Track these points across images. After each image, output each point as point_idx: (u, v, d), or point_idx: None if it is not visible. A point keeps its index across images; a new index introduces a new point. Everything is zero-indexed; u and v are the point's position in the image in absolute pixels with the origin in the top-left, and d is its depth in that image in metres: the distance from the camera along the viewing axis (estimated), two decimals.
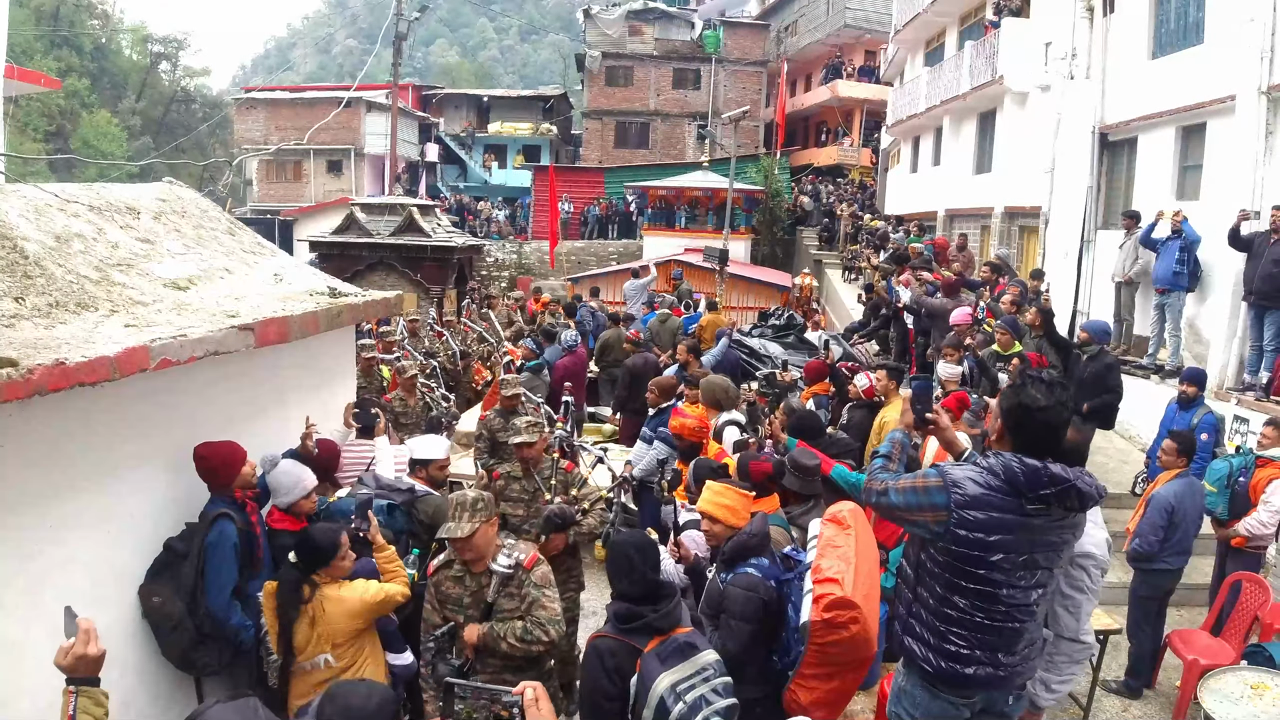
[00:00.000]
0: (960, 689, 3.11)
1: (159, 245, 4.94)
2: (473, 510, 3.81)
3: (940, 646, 3.09)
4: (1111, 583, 7.45)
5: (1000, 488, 2.93)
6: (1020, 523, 2.94)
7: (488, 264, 29.13)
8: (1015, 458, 2.95)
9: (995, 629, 3.02)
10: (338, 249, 14.08)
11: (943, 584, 3.08)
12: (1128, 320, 11.52)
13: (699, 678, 3.01)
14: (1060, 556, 3.05)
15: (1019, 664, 3.07)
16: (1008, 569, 2.96)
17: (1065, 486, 2.88)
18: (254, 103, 39.63)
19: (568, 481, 5.64)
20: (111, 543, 3.86)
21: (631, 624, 3.14)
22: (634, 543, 3.37)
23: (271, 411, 5.15)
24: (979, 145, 18.92)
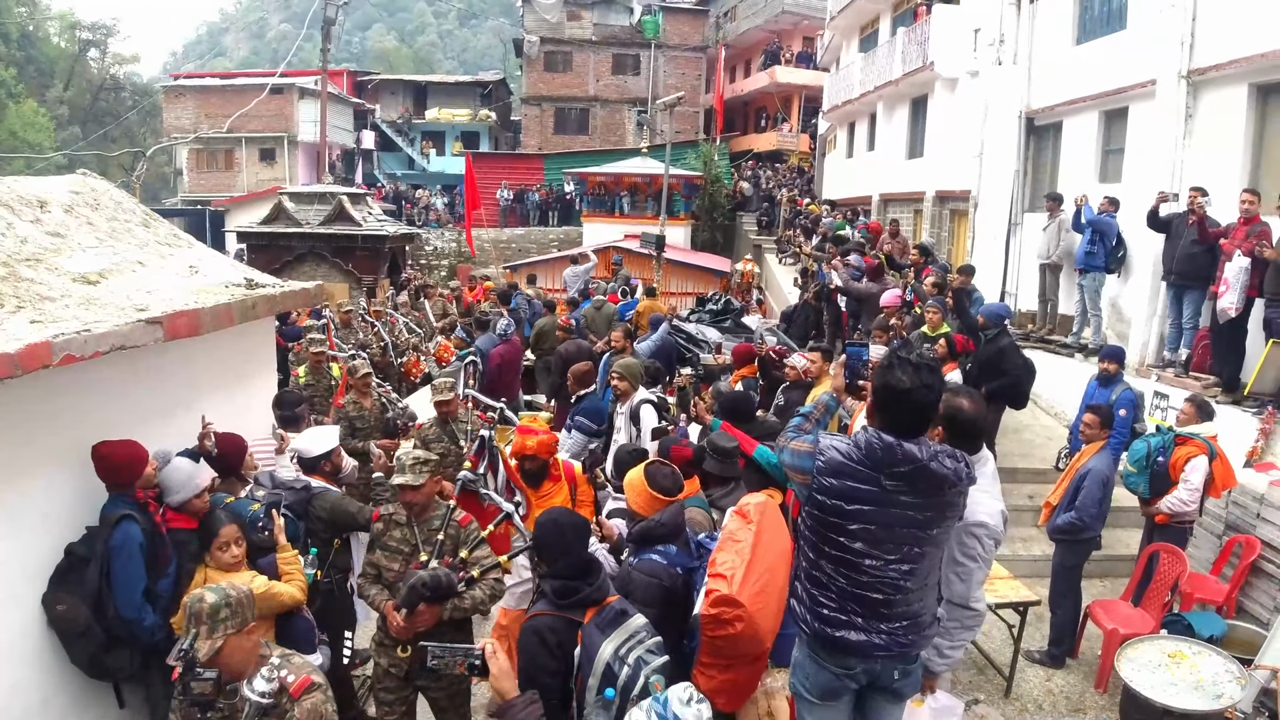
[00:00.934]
0: (837, 655, 3.16)
1: (70, 239, 4.81)
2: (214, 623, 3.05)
3: (813, 609, 3.18)
4: (1035, 555, 7.68)
5: (861, 460, 3.01)
6: (880, 496, 3.00)
7: (426, 253, 28.79)
8: (876, 434, 3.02)
9: (859, 597, 3.09)
10: (266, 239, 13.77)
11: (812, 548, 3.18)
12: (1053, 300, 11.78)
13: (635, 640, 3.09)
14: (929, 536, 3.08)
15: (900, 635, 3.10)
16: (868, 540, 3.03)
17: (916, 466, 2.95)
18: (183, 90, 38.67)
19: (459, 538, 4.36)
20: (22, 542, 3.75)
21: (570, 599, 3.20)
22: (565, 521, 3.42)
23: (186, 408, 5.00)
24: (911, 130, 19.15)
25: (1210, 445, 6.37)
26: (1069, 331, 11.18)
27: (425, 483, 4.28)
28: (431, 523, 4.38)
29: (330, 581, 4.98)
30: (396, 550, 4.36)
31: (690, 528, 4.11)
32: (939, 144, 17.17)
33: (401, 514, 4.42)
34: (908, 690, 3.33)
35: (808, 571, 3.21)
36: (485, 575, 4.26)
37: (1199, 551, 7.24)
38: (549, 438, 5.11)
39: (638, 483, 4.03)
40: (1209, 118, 9.56)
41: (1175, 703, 4.70)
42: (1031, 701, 5.94)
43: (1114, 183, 11.29)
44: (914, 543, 3.05)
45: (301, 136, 36.97)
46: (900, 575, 3.06)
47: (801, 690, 3.34)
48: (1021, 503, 8.35)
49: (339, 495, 5.04)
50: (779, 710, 4.01)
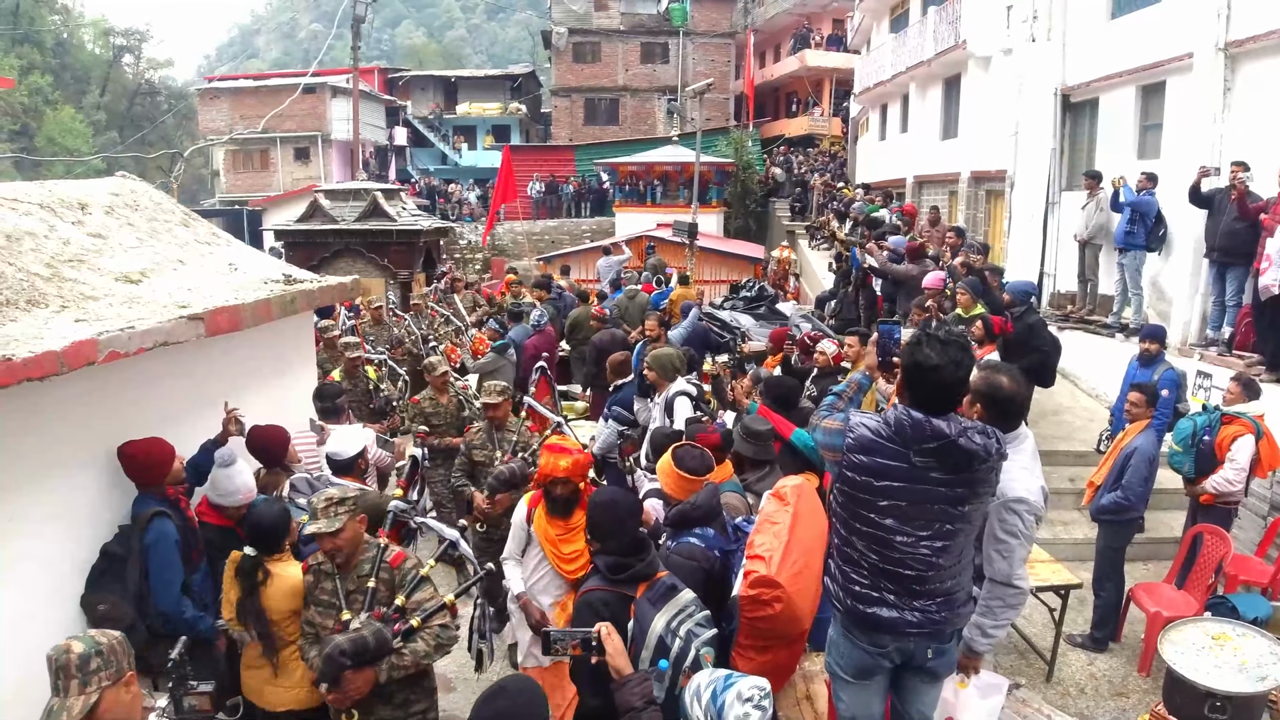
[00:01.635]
0: (870, 632, 3.18)
1: (111, 240, 4.92)
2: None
3: (846, 586, 3.22)
4: (1076, 539, 7.59)
5: (890, 437, 3.04)
6: (910, 472, 3.02)
7: (460, 247, 28.97)
8: (905, 410, 3.05)
9: (891, 573, 3.11)
10: (303, 237, 13.86)
11: (844, 525, 3.23)
12: (1092, 280, 11.59)
13: (685, 614, 3.18)
14: (960, 513, 3.07)
15: (933, 613, 3.11)
16: (899, 516, 3.05)
17: (945, 442, 2.95)
18: (218, 92, 39.17)
19: (394, 582, 3.75)
20: (68, 537, 3.86)
21: (622, 574, 3.27)
22: (619, 500, 3.52)
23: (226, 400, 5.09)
24: (945, 111, 18.91)
25: (1257, 424, 6.27)
26: (1109, 311, 11.01)
27: (344, 526, 3.61)
28: (361, 568, 3.75)
29: None
30: (329, 605, 3.75)
31: (726, 512, 4.13)
32: (973, 124, 16.93)
33: (329, 563, 3.78)
34: (942, 670, 3.33)
35: (840, 549, 3.25)
36: (429, 622, 3.65)
37: (1244, 533, 7.13)
38: (584, 458, 4.25)
39: (666, 465, 4.09)
40: (1248, 90, 9.35)
41: (1219, 685, 4.63)
42: (1074, 685, 5.90)
43: (1152, 159, 11.08)
44: (945, 519, 3.05)
45: (335, 135, 37.33)
46: (932, 552, 3.06)
47: (836, 669, 3.37)
48: (1062, 485, 8.26)
49: (376, 495, 5.12)
50: (817, 694, 4.02)
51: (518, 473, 5.20)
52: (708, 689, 2.30)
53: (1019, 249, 14.23)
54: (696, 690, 2.34)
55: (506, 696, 2.48)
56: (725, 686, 2.28)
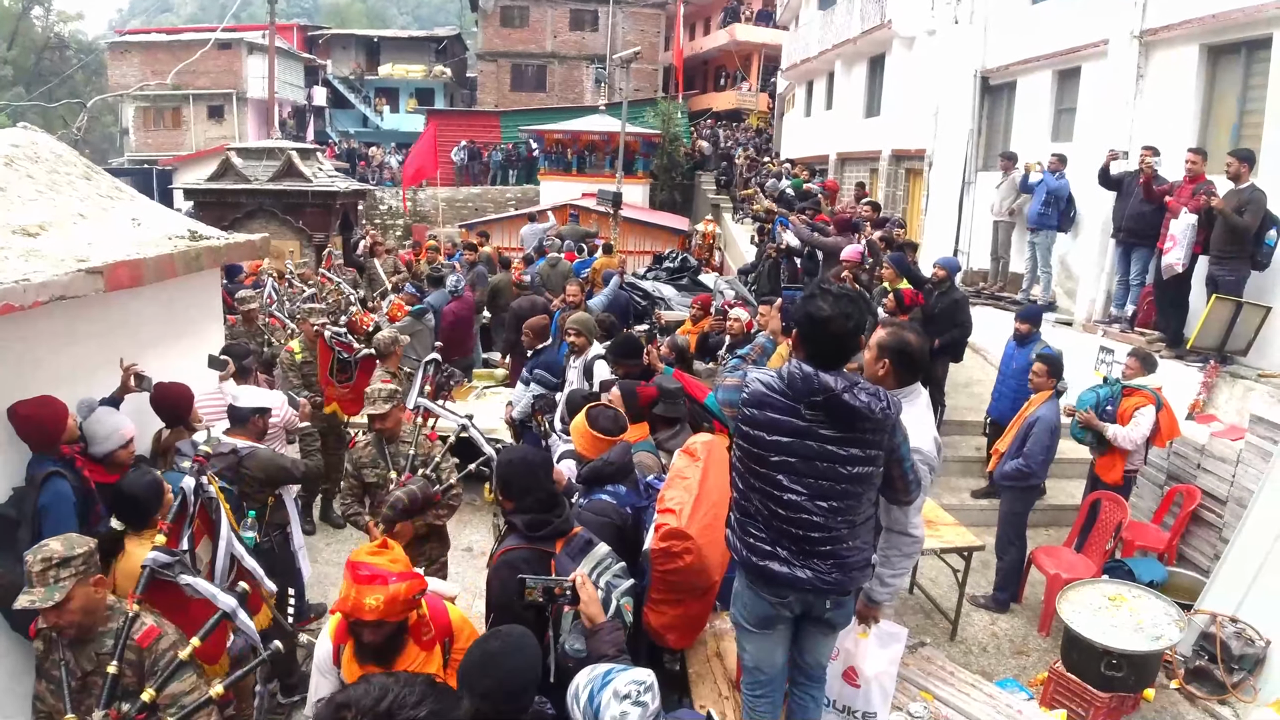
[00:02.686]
0: (769, 585, 3.21)
1: (9, 192, 4.70)
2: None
3: (743, 538, 3.25)
4: (982, 505, 7.82)
5: (782, 391, 3.07)
6: (800, 428, 3.05)
7: (380, 211, 28.33)
8: (797, 364, 3.08)
9: (783, 530, 3.14)
10: (214, 196, 13.43)
11: (741, 479, 3.25)
12: (1004, 258, 11.92)
13: (603, 566, 3.24)
14: (851, 474, 3.09)
15: (824, 574, 3.14)
16: (788, 472, 3.08)
17: (830, 396, 2.99)
18: (128, 47, 37.52)
19: (143, 667, 3.08)
20: None
21: (541, 531, 3.27)
22: (532, 458, 3.49)
23: (129, 361, 4.90)
24: (869, 89, 19.14)
25: (1157, 396, 6.52)
26: (1019, 289, 11.34)
27: (70, 595, 2.92)
28: (101, 644, 3.08)
29: (270, 540, 4.94)
30: (60, 688, 3.06)
31: (639, 470, 4.14)
32: (896, 103, 17.19)
33: None
34: (840, 621, 3.38)
35: (738, 502, 3.27)
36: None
37: (1141, 501, 7.44)
38: (404, 590, 2.82)
39: (580, 425, 4.08)
40: (1160, 78, 9.65)
41: (1115, 644, 4.83)
42: (976, 644, 6.09)
43: (1066, 141, 11.40)
44: (835, 479, 3.07)
45: (250, 93, 36.03)
46: (821, 513, 3.08)
47: (740, 619, 3.41)
48: (969, 454, 8.51)
49: (269, 451, 4.98)
50: (727, 650, 4.07)
51: (419, 496, 4.60)
52: (585, 689, 2.26)
53: (936, 226, 14.52)
54: (575, 691, 2.28)
55: (499, 639, 2.53)
56: (602, 684, 2.24)
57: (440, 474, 5.06)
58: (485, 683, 2.39)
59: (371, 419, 5.16)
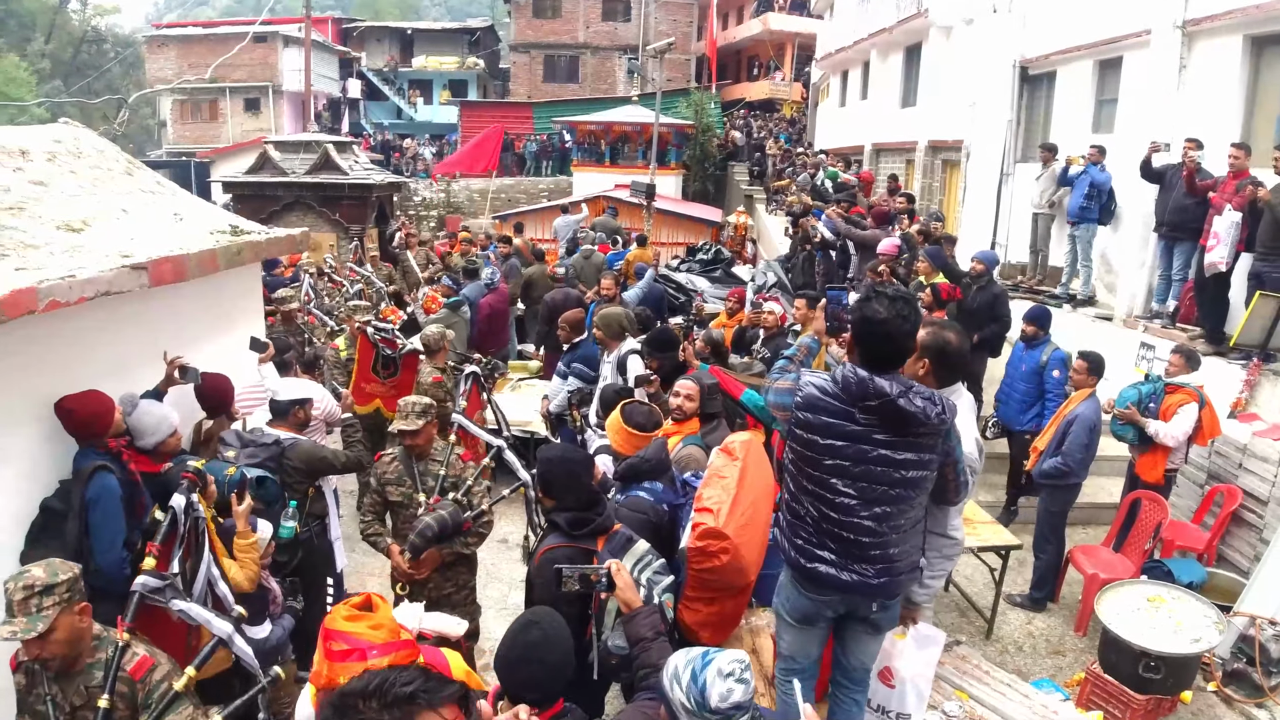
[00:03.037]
0: (815, 586, 3.22)
1: (52, 187, 4.75)
2: None
3: (791, 538, 3.26)
4: (1020, 502, 7.74)
5: (836, 395, 3.05)
6: (854, 432, 3.04)
7: (414, 203, 28.51)
8: (852, 368, 3.06)
9: (832, 534, 3.13)
10: (252, 189, 13.59)
11: (792, 480, 3.25)
12: (1043, 251, 11.76)
13: (643, 563, 3.29)
14: (905, 479, 3.07)
15: (871, 578, 3.14)
16: (842, 476, 3.07)
17: (885, 400, 2.97)
18: (166, 40, 38.07)
19: (135, 700, 2.95)
20: (7, 492, 3.75)
21: (583, 529, 3.32)
22: (573, 457, 3.54)
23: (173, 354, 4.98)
24: (905, 79, 18.92)
25: (1200, 394, 6.42)
26: (1058, 282, 11.19)
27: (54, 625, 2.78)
28: (90, 675, 2.92)
29: (309, 531, 5.02)
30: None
31: (687, 465, 4.16)
32: (932, 93, 16.97)
33: None
34: (885, 624, 3.38)
35: (788, 504, 3.27)
36: None
37: (1181, 500, 7.33)
38: (389, 662, 2.43)
39: (615, 422, 4.10)
40: (1203, 69, 9.46)
41: (1153, 645, 4.78)
42: (1012, 643, 6.05)
43: (1107, 133, 11.22)
44: (889, 483, 3.06)
45: (286, 86, 36.42)
46: (873, 517, 3.08)
47: (781, 611, 3.43)
48: (1006, 451, 8.41)
49: (310, 443, 5.06)
50: (763, 647, 4.07)
51: (448, 523, 4.41)
52: (686, 669, 2.30)
53: (973, 219, 14.36)
54: (675, 672, 2.33)
55: (538, 628, 2.55)
56: (704, 664, 2.28)
57: (471, 498, 4.78)
58: (526, 671, 2.48)
59: (401, 434, 4.76)
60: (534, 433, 8.01)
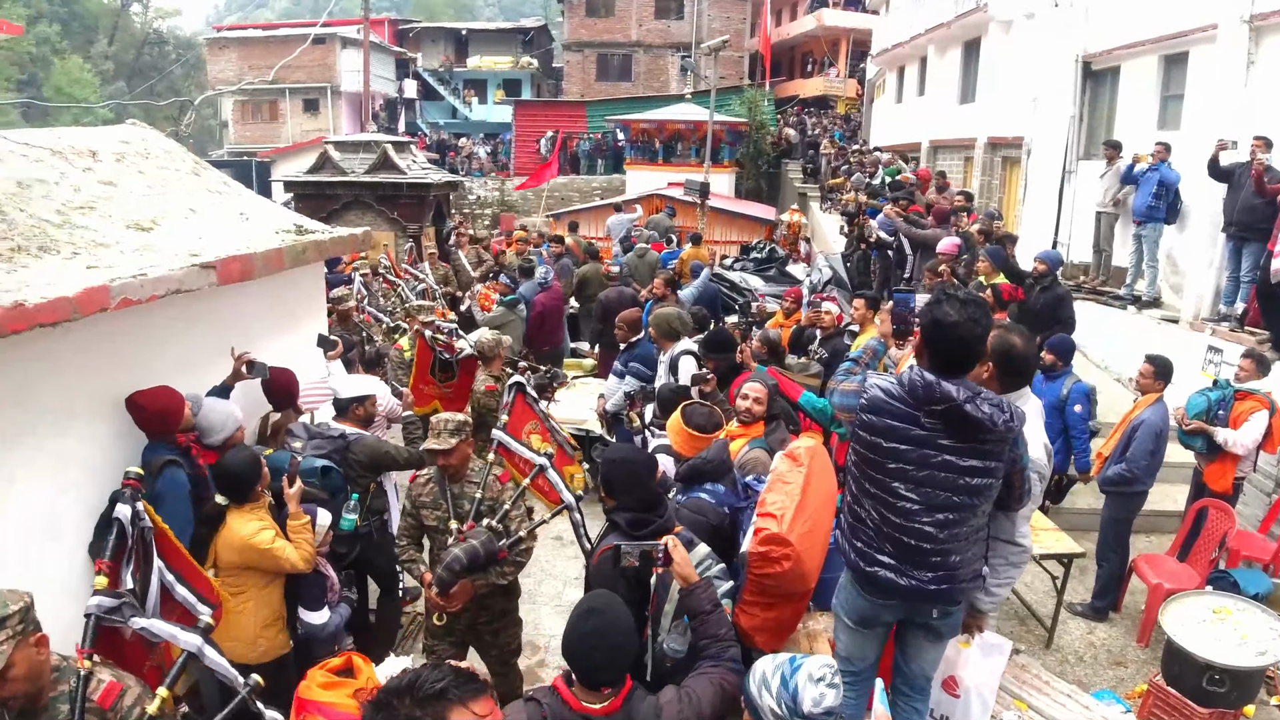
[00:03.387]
0: (875, 589, 3.19)
1: (122, 187, 4.87)
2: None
3: (852, 541, 3.23)
4: (1080, 509, 7.61)
5: (901, 398, 3.01)
6: (919, 436, 2.99)
7: (469, 202, 28.81)
8: (919, 371, 3.01)
9: (893, 539, 3.09)
10: (313, 188, 13.85)
11: (855, 483, 3.21)
12: (1106, 251, 11.51)
13: (703, 566, 3.29)
14: (969, 485, 3.02)
15: (929, 584, 3.10)
16: (905, 480, 3.03)
17: (952, 405, 2.91)
18: (226, 42, 38.95)
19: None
20: (79, 484, 3.84)
21: (644, 530, 3.32)
22: (636, 458, 3.54)
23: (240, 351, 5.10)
24: (963, 75, 18.63)
25: (1271, 400, 6.25)
26: (1122, 283, 10.95)
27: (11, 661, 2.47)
28: (53, 711, 2.66)
29: (369, 525, 5.11)
30: None
31: (750, 468, 4.16)
32: (992, 89, 16.71)
33: None
34: (946, 630, 3.33)
35: (850, 506, 3.25)
36: None
37: (1248, 509, 7.14)
38: None
39: (676, 423, 4.10)
40: (1272, 64, 9.17)
41: (1218, 658, 4.67)
42: (1073, 653, 5.95)
43: (1173, 130, 10.94)
44: (952, 489, 3.01)
45: (344, 86, 37.08)
46: (935, 524, 3.04)
47: (840, 612, 3.41)
48: None
49: (374, 438, 5.16)
50: (820, 652, 4.05)
51: (479, 554, 4.07)
52: (775, 675, 2.32)
53: (1034, 217, 14.10)
54: (763, 679, 2.35)
55: (598, 615, 2.58)
56: (794, 670, 2.30)
57: (509, 524, 4.39)
58: (593, 658, 2.53)
59: (431, 453, 4.38)
60: (589, 431, 8.06)
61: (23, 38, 39.28)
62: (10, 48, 39.54)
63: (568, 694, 2.56)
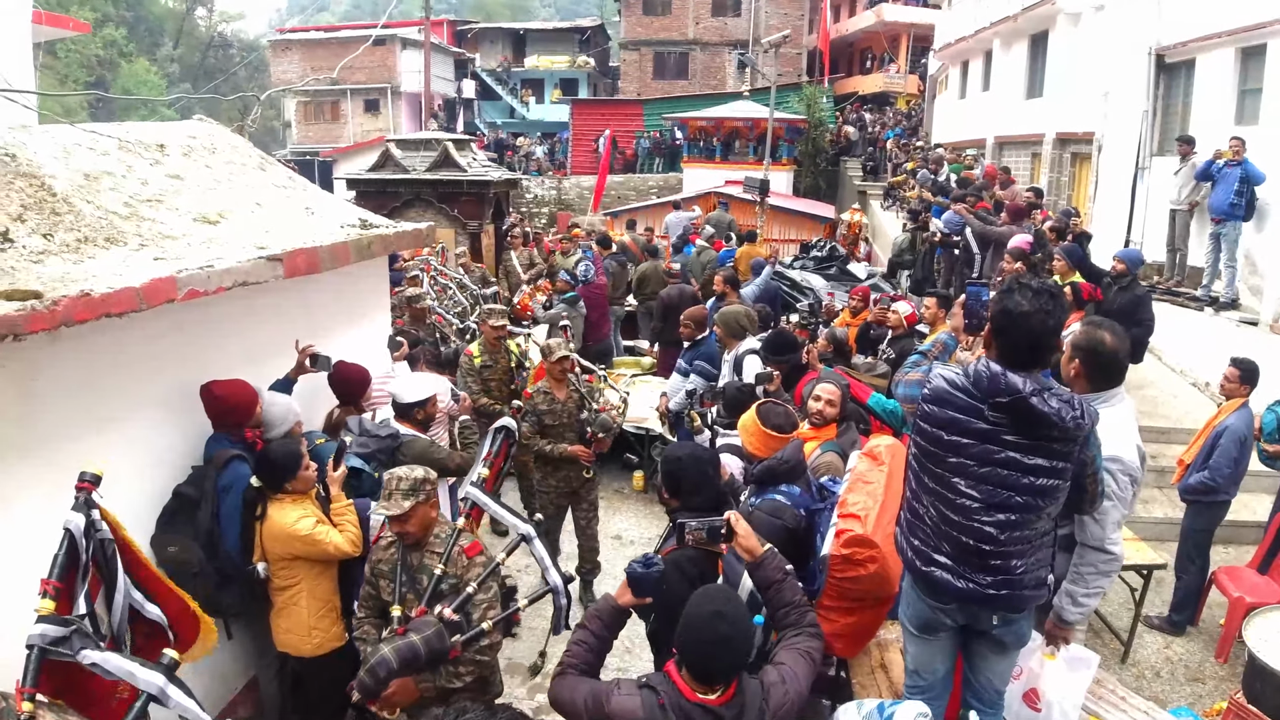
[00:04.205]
0: (931, 591, 3.08)
1: (188, 181, 4.91)
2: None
3: (909, 539, 3.12)
4: (1157, 518, 7.36)
5: (965, 389, 2.89)
6: (982, 431, 2.86)
7: (527, 200, 28.98)
8: (986, 362, 2.88)
9: (950, 537, 2.98)
10: (374, 186, 13.99)
11: (914, 477, 3.11)
12: (1182, 250, 11.15)
13: None
14: (1033, 485, 2.88)
15: (986, 588, 2.97)
16: (965, 476, 2.90)
17: (1017, 398, 2.77)
18: (289, 44, 39.87)
19: None
20: (144, 475, 3.90)
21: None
22: (699, 456, 3.48)
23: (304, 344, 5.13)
24: (1030, 69, 18.25)
25: None
26: (1198, 283, 10.58)
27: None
28: None
29: None
30: None
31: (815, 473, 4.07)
32: (1060, 83, 16.33)
33: None
34: (1009, 640, 3.20)
35: (909, 502, 3.15)
36: None
37: None
38: None
39: (750, 422, 3.99)
40: None
41: None
42: (1149, 668, 5.74)
43: (1250, 124, 10.56)
44: (1015, 489, 2.88)
45: (404, 87, 37.66)
46: (995, 524, 2.91)
47: (905, 620, 3.31)
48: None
49: (427, 441, 5.04)
50: (892, 662, 3.96)
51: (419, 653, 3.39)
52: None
53: (1105, 215, 13.73)
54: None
55: (727, 621, 2.51)
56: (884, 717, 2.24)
57: (470, 612, 3.60)
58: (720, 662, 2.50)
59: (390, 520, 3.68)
60: (649, 429, 8.02)
61: (90, 40, 40.52)
62: (79, 50, 40.81)
63: (683, 684, 2.53)
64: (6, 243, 3.29)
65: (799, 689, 2.67)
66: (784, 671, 2.69)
